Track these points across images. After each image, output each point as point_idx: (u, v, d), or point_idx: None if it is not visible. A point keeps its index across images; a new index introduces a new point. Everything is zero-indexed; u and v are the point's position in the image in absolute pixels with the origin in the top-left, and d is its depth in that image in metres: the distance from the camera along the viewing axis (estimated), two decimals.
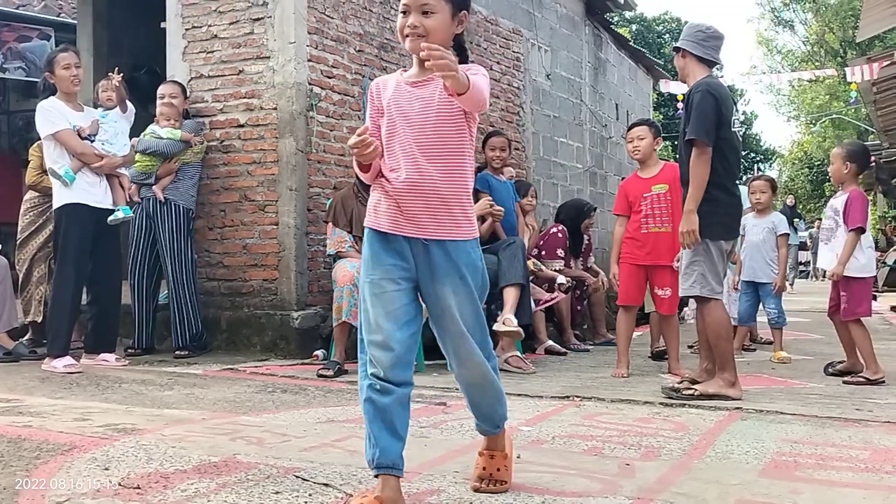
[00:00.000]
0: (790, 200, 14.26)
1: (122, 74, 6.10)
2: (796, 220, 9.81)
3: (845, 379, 5.50)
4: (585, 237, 8.42)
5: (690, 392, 4.60)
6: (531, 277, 7.11)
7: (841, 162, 5.66)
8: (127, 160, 6.03)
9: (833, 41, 36.60)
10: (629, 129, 6.15)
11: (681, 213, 4.72)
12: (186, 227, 6.35)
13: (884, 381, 5.34)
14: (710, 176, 4.64)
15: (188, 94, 6.66)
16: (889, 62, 13.33)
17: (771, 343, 7.28)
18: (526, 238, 7.01)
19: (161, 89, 6.43)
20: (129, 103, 6.10)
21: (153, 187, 6.29)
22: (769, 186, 7.14)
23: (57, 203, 5.74)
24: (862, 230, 5.51)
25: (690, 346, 6.98)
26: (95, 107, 6.06)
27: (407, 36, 2.71)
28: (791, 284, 14.17)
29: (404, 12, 2.72)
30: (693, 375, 5.03)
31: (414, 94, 2.63)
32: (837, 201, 5.65)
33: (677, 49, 4.96)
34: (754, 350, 7.51)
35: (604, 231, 12.10)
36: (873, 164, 22.50)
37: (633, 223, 5.88)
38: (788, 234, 7.29)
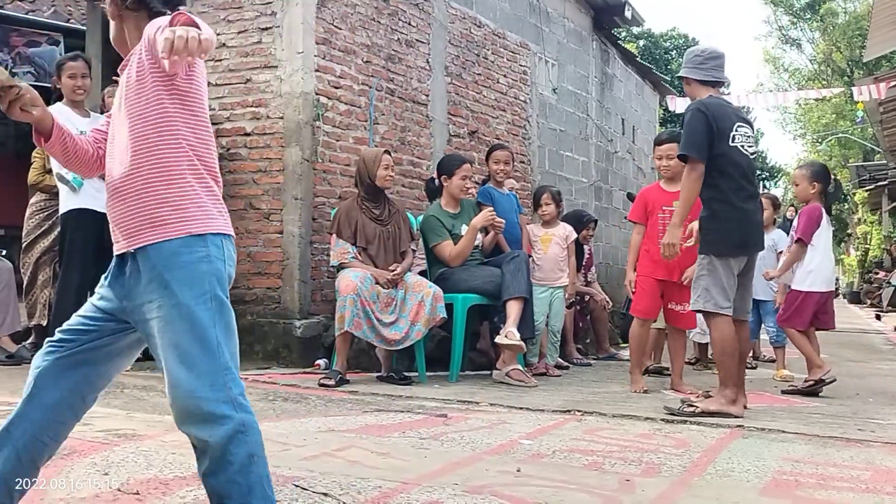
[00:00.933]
0: (790, 213, 14.16)
1: None
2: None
3: (784, 389, 5.97)
4: (586, 249, 8.37)
5: (692, 410, 4.58)
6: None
7: (807, 182, 5.99)
8: None
9: (840, 60, 36.66)
10: (657, 143, 6.14)
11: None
12: None
13: (832, 381, 5.75)
14: (711, 192, 4.73)
15: None
16: None
17: (773, 361, 7.27)
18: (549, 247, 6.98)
19: None
20: None
21: None
22: (770, 204, 7.18)
23: (63, 208, 5.75)
24: (803, 242, 5.90)
25: (689, 362, 6.97)
26: (102, 112, 6.07)
27: None
28: None
29: None
30: (709, 391, 5.04)
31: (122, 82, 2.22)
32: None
33: (681, 78, 5.09)
34: (755, 367, 7.47)
35: (608, 245, 12.10)
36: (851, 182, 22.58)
37: (650, 236, 5.79)
38: None
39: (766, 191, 24.89)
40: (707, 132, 4.67)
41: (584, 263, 8.30)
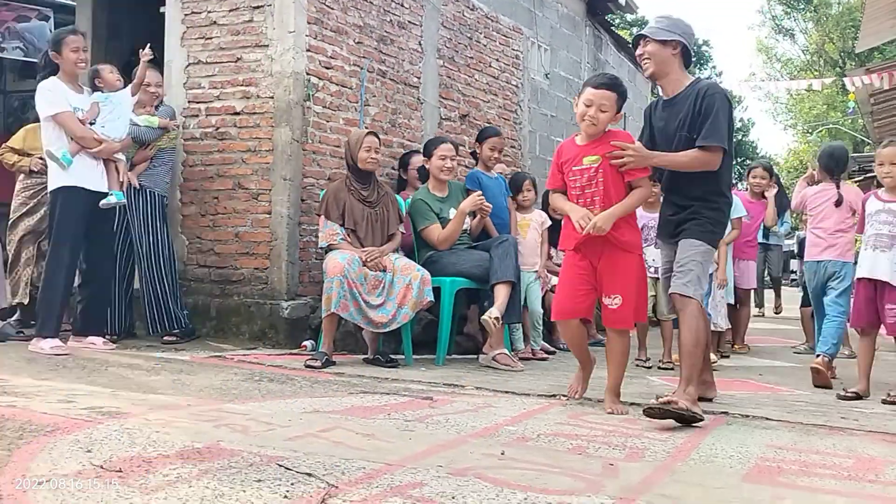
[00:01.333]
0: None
1: (153, 52, 6.11)
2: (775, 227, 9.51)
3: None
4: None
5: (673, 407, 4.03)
6: None
7: None
8: (124, 145, 6.00)
9: (833, 51, 36.69)
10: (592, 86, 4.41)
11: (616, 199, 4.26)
12: (161, 214, 6.29)
13: None
14: (715, 184, 4.42)
15: (186, 80, 6.65)
16: (887, 71, 13.36)
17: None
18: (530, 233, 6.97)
19: (149, 77, 6.31)
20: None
21: (128, 173, 6.21)
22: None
23: (53, 185, 5.71)
24: None
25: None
26: (94, 90, 6.01)
27: None
28: (759, 306, 13.39)
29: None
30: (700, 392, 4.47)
31: None
32: None
33: (665, 42, 4.43)
34: (728, 356, 7.37)
35: None
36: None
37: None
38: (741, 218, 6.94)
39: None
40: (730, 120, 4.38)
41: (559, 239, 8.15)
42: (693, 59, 4.57)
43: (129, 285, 6.43)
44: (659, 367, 6.45)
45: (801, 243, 8.23)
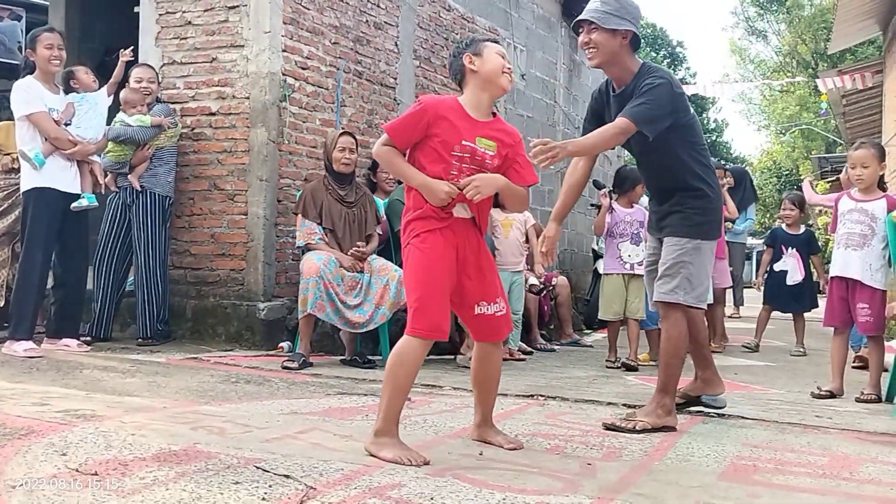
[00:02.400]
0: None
1: (132, 53, 6.08)
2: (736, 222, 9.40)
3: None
4: None
5: (632, 425, 3.84)
6: None
7: (877, 164, 5.21)
8: (99, 147, 5.95)
9: (805, 52, 36.97)
10: None
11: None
12: (162, 216, 6.26)
13: None
14: (701, 168, 4.02)
15: (161, 80, 6.61)
16: (859, 72, 13.51)
17: None
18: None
19: (138, 73, 6.30)
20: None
21: (129, 177, 6.19)
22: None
23: (25, 186, 5.66)
24: None
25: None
26: (68, 91, 5.96)
27: None
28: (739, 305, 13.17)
29: None
30: (686, 389, 4.31)
31: None
32: (873, 206, 5.21)
33: (615, 30, 3.91)
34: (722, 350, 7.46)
35: (573, 232, 12.14)
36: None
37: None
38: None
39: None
40: (672, 103, 3.89)
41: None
42: (640, 44, 4.06)
43: (121, 287, 6.38)
44: (622, 365, 6.40)
45: (772, 242, 8.24)
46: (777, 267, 8.15)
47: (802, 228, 8.26)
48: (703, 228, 4.00)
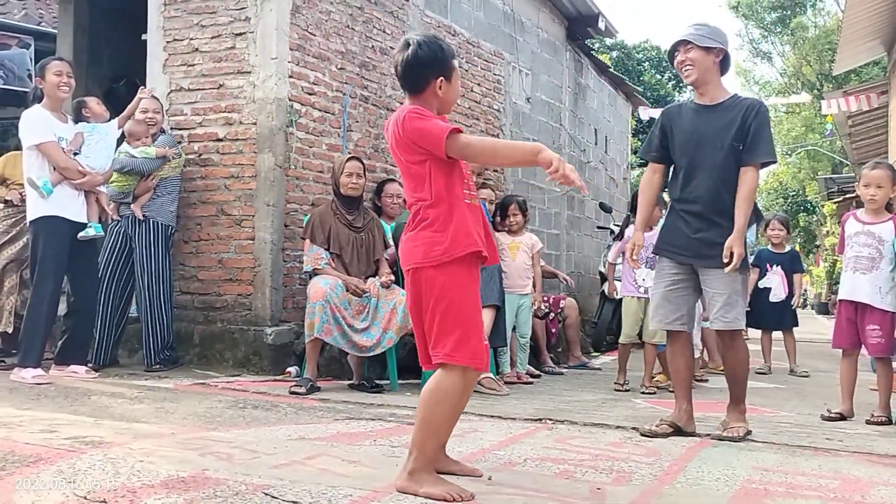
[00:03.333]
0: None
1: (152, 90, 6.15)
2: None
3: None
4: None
5: (736, 433, 4.29)
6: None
7: (891, 185, 5.19)
8: (106, 177, 5.99)
9: (810, 73, 37.05)
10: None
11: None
12: (164, 244, 6.28)
13: None
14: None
15: (168, 106, 6.65)
16: (864, 93, 13.53)
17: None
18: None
19: (144, 104, 6.33)
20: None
21: (131, 206, 6.21)
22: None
23: (33, 215, 5.66)
24: None
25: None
26: (79, 120, 6.00)
27: None
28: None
29: None
30: (672, 418, 4.45)
31: None
32: (880, 228, 5.22)
33: (709, 48, 4.42)
34: (707, 381, 7.13)
35: (580, 255, 12.15)
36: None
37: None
38: None
39: None
40: None
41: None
42: (730, 66, 4.61)
43: (122, 315, 6.38)
44: (642, 393, 6.30)
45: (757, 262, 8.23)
46: (761, 284, 8.27)
47: (788, 248, 8.45)
48: (746, 262, 4.44)
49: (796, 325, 8.49)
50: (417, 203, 3.05)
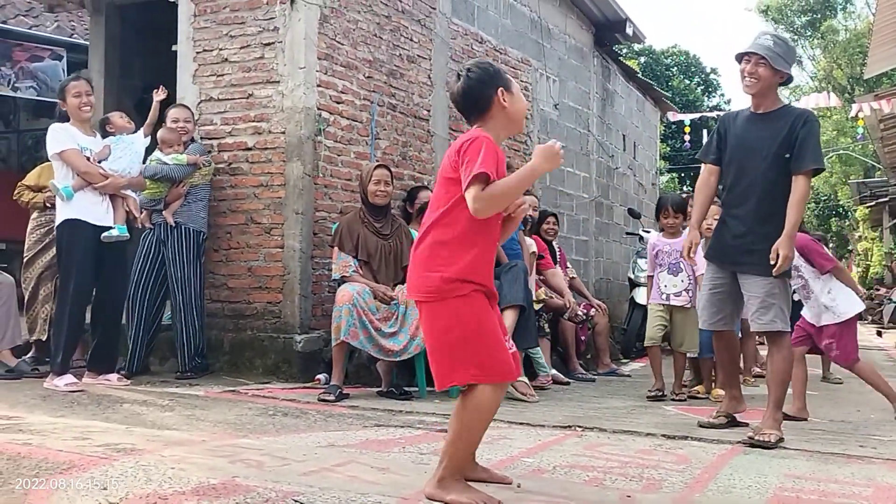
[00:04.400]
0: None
1: (166, 93, 6.20)
2: None
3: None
4: (556, 246, 8.27)
5: (769, 439, 4.26)
6: (541, 306, 7.10)
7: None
8: (133, 182, 6.04)
9: (841, 77, 36.75)
10: None
11: None
12: (196, 250, 6.35)
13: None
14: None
15: (198, 116, 6.72)
16: None
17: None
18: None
19: (175, 113, 6.42)
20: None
21: (163, 213, 6.29)
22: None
23: (59, 219, 5.75)
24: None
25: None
26: (105, 135, 6.07)
27: None
28: None
29: None
30: (725, 408, 4.89)
31: None
32: (801, 261, 5.46)
33: (778, 70, 4.54)
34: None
35: (608, 261, 12.11)
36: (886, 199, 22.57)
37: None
38: None
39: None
40: None
41: (557, 262, 8.04)
42: (791, 83, 4.81)
43: (155, 323, 6.44)
44: (672, 399, 6.25)
45: None
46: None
47: None
48: (786, 270, 4.48)
49: None
50: (430, 223, 3.02)
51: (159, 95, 6.20)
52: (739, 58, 4.62)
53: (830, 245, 37.22)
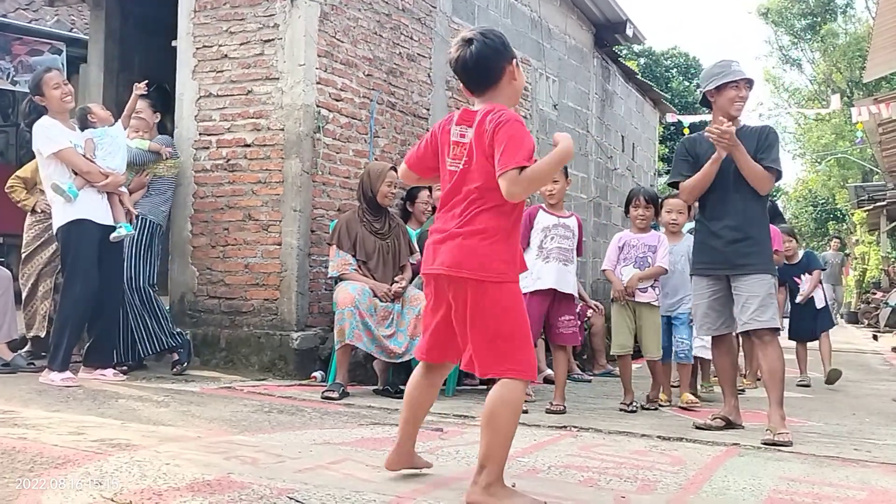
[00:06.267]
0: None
1: (146, 84, 6.16)
2: None
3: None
4: None
5: (783, 438, 4.36)
6: None
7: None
8: (135, 183, 6.05)
9: (840, 81, 36.75)
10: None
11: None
12: (148, 241, 6.30)
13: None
14: (766, 209, 4.90)
15: (197, 112, 6.71)
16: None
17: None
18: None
19: (142, 104, 6.38)
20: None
21: (128, 203, 6.21)
22: (686, 207, 6.41)
23: (61, 220, 5.65)
24: None
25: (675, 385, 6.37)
26: (85, 127, 5.98)
27: None
28: None
29: None
30: (724, 413, 4.94)
31: None
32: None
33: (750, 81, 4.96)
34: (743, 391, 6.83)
35: None
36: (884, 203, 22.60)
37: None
38: None
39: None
40: None
41: None
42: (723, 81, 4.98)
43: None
44: (659, 406, 5.96)
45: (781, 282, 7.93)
46: (799, 299, 7.99)
47: (800, 255, 8.23)
48: (773, 266, 4.83)
49: (832, 325, 8.49)
50: (476, 201, 2.93)
51: (140, 89, 6.14)
52: (737, 83, 4.81)
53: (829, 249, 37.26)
